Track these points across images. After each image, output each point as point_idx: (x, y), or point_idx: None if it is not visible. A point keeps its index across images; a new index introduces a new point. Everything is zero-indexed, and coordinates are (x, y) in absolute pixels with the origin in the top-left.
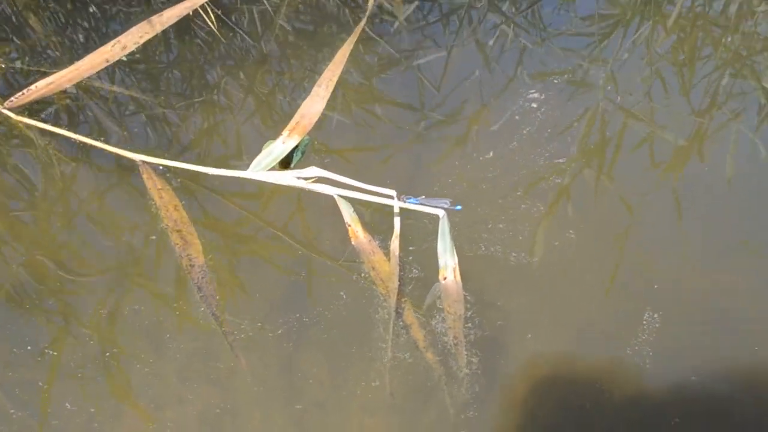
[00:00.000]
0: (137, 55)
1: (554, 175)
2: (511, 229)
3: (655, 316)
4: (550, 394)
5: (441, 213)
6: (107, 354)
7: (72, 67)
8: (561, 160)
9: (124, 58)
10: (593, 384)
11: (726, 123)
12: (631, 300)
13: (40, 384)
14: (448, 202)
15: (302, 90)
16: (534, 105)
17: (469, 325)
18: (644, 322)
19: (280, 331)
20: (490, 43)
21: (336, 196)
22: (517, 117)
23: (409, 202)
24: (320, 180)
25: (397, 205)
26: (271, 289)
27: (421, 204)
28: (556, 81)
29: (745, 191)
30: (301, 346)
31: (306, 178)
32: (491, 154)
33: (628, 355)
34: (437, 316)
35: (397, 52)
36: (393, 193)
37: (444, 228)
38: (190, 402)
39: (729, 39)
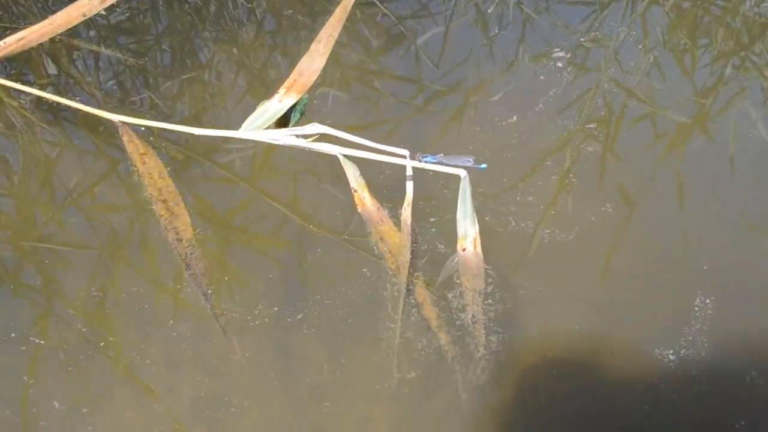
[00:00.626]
0: (118, 9)
1: (587, 140)
2: (538, 198)
3: (707, 300)
4: (578, 379)
5: (462, 173)
6: (89, 337)
7: (45, 22)
8: (592, 126)
9: (104, 12)
10: (631, 371)
11: None
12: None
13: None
14: (471, 159)
15: (300, 52)
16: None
17: (490, 301)
18: (696, 307)
19: (277, 313)
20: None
21: (341, 156)
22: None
23: (425, 161)
24: (323, 139)
25: (410, 164)
26: (268, 267)
27: (440, 163)
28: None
29: None
30: (300, 329)
31: (306, 136)
32: (515, 118)
33: (679, 345)
34: (453, 292)
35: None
36: (405, 152)
37: (465, 191)
38: (180, 390)
39: None
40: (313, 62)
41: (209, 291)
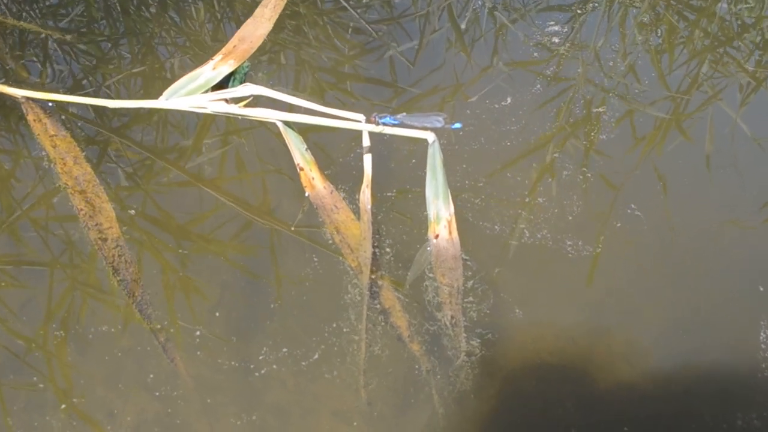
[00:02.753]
0: None
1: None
2: (521, 175)
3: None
4: (576, 390)
5: (431, 137)
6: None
7: None
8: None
9: None
10: (626, 377)
11: None
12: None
13: None
14: (441, 118)
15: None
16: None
17: (470, 299)
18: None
19: (221, 325)
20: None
21: (280, 124)
22: None
23: (384, 123)
24: (258, 104)
25: (366, 130)
26: (207, 271)
27: (402, 125)
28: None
29: None
30: (249, 344)
31: (237, 100)
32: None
33: (679, 344)
34: (427, 291)
35: None
36: (359, 116)
37: (435, 159)
38: (122, 414)
39: None
40: (258, 28)
41: (143, 300)
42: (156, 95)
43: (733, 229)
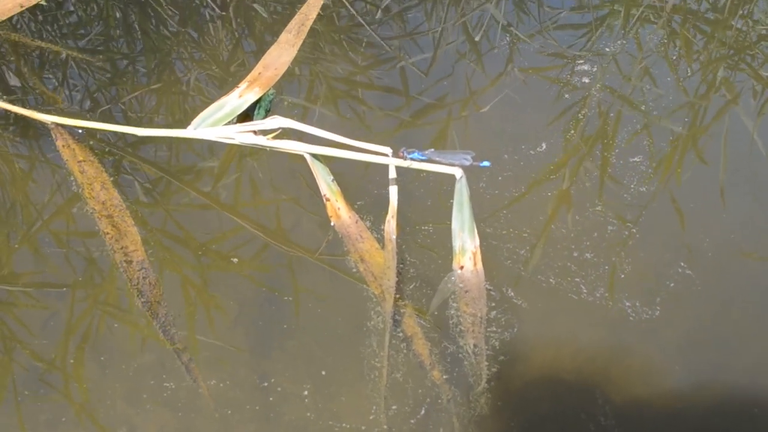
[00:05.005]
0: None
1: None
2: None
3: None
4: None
5: (458, 173)
6: (35, 374)
7: None
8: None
9: (44, 3)
10: (652, 403)
11: None
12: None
13: None
14: (469, 156)
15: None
16: None
17: (493, 328)
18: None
19: (242, 343)
20: None
21: (308, 156)
22: None
23: (412, 158)
24: (287, 136)
25: (393, 164)
26: (232, 294)
27: (430, 160)
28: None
29: None
30: (271, 369)
31: (266, 132)
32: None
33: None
34: (450, 320)
35: None
36: (387, 149)
37: (462, 195)
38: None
39: None
40: (281, 54)
41: (166, 321)
42: (180, 118)
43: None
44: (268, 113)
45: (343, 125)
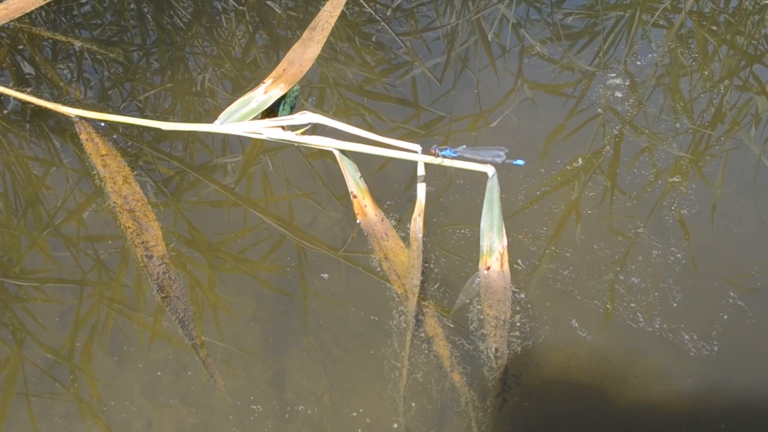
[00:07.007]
0: None
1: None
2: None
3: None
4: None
5: (490, 170)
6: (54, 369)
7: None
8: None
9: None
10: (676, 415)
11: None
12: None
13: None
14: (503, 152)
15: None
16: None
17: (516, 333)
18: None
19: (258, 342)
20: None
21: (336, 152)
22: None
23: (444, 155)
24: (315, 131)
25: (422, 161)
26: (252, 290)
27: (462, 158)
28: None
29: None
30: (290, 366)
31: (295, 128)
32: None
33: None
34: (473, 322)
35: None
36: (417, 146)
37: (493, 193)
38: (159, 426)
39: None
40: (306, 50)
41: (186, 317)
42: (198, 116)
43: None
44: (293, 110)
45: (364, 124)
